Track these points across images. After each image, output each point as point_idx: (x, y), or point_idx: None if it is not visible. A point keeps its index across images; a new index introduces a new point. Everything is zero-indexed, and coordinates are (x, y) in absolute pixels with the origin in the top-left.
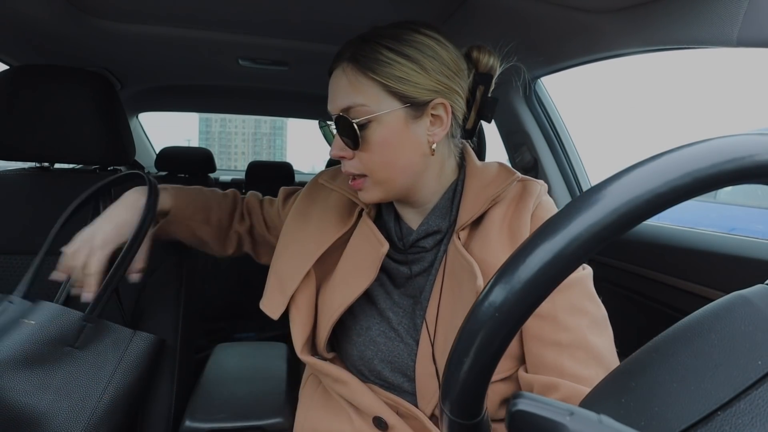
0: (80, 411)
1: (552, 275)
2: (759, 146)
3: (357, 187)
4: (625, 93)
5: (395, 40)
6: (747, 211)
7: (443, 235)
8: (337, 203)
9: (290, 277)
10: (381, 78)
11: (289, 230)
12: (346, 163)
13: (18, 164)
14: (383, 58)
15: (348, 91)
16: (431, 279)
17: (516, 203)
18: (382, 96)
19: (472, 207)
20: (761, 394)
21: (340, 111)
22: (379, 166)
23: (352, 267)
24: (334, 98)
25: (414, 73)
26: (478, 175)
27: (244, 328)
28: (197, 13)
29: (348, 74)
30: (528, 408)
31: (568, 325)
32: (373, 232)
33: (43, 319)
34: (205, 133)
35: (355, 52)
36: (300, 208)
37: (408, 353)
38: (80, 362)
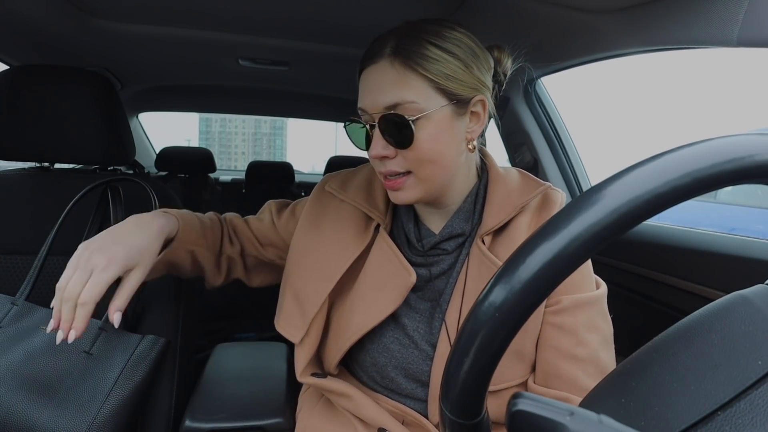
0: (85, 413)
1: (552, 275)
2: (759, 146)
3: (396, 186)
4: (625, 93)
5: (439, 37)
6: (747, 211)
7: (465, 238)
8: (351, 216)
9: (310, 299)
10: (430, 74)
11: (301, 244)
12: (388, 162)
13: (18, 164)
14: (431, 55)
15: (396, 86)
16: (452, 281)
17: (539, 211)
18: (430, 93)
19: (498, 213)
20: (761, 394)
21: (385, 108)
22: (426, 163)
23: (373, 289)
24: (378, 93)
25: (459, 71)
26: (502, 180)
27: (244, 328)
28: (197, 13)
29: (396, 69)
30: (528, 408)
31: (585, 340)
32: (397, 257)
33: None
34: (205, 133)
35: (399, 47)
36: (310, 219)
37: (423, 359)
38: (91, 368)
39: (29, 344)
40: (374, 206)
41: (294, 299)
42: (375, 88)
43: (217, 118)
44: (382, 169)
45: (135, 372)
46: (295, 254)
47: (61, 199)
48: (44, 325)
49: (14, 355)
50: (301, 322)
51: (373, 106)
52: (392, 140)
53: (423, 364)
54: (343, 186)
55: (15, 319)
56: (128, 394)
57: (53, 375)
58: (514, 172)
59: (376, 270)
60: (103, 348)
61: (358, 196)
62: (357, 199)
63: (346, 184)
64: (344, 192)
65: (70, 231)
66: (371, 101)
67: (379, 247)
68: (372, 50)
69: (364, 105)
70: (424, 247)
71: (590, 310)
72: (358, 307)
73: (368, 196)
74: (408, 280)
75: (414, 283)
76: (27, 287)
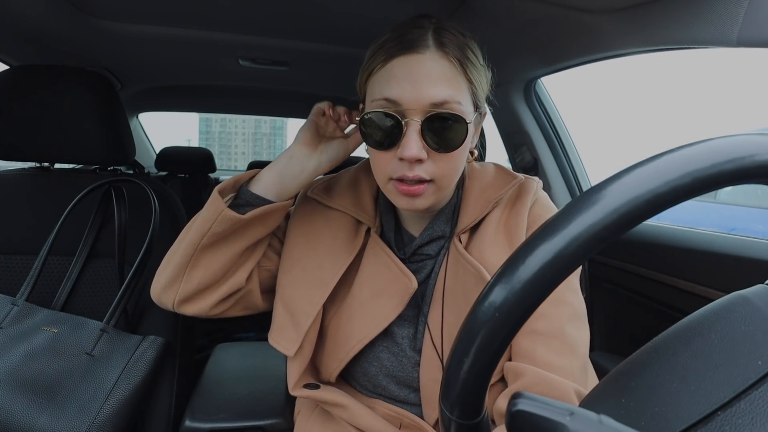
0: (85, 413)
1: (552, 275)
2: (759, 146)
3: (416, 193)
4: (625, 93)
5: (468, 39)
6: (747, 211)
7: (446, 240)
8: (340, 222)
9: (304, 310)
10: (473, 79)
11: (291, 254)
12: (417, 167)
13: (18, 164)
14: (472, 59)
15: (449, 82)
16: (431, 284)
17: (513, 203)
18: (467, 99)
19: (473, 210)
20: (761, 394)
21: (432, 104)
22: (452, 171)
23: (372, 296)
24: (426, 85)
25: (484, 81)
26: (477, 177)
27: (244, 328)
28: (197, 13)
29: (451, 62)
30: (528, 408)
31: (546, 313)
32: (395, 262)
33: (64, 328)
34: (205, 133)
35: (446, 43)
36: (298, 229)
37: (411, 366)
38: (92, 368)
39: (30, 345)
40: (363, 210)
41: (286, 311)
42: (421, 78)
43: (217, 118)
44: (409, 174)
45: (135, 372)
46: (286, 264)
47: (61, 199)
48: (45, 326)
49: (15, 356)
50: (294, 334)
51: (416, 99)
52: (434, 141)
53: (412, 371)
54: (327, 191)
55: (15, 319)
56: (128, 395)
57: (54, 376)
58: (490, 167)
59: (372, 276)
60: (104, 349)
61: (346, 201)
62: (345, 204)
63: (331, 189)
64: (330, 198)
65: (71, 231)
66: (413, 93)
67: (373, 252)
68: (410, 38)
69: (401, 96)
70: (405, 254)
71: None
72: (358, 315)
73: (356, 200)
74: (409, 286)
75: (416, 288)
76: (27, 288)
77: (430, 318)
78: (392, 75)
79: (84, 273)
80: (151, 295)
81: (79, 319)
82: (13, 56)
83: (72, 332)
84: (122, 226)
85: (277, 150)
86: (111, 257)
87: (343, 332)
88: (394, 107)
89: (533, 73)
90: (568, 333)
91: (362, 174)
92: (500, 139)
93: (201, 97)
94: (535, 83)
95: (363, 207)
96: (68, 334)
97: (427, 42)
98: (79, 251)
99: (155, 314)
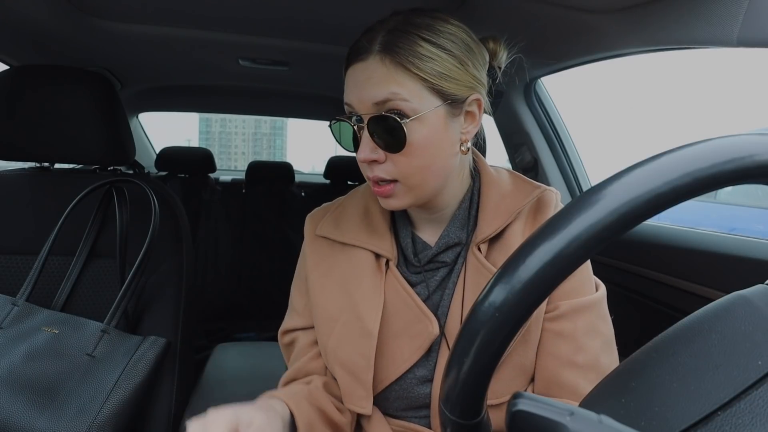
0: (85, 414)
1: (552, 275)
2: (759, 146)
3: (385, 194)
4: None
5: (432, 31)
6: (747, 211)
7: (462, 247)
8: (362, 259)
9: (361, 367)
10: (424, 74)
11: (326, 311)
12: (376, 167)
13: (18, 164)
14: (425, 52)
15: (386, 82)
16: (449, 293)
17: (533, 215)
18: (424, 93)
19: (493, 220)
20: (761, 394)
21: (375, 104)
22: (416, 169)
23: (393, 336)
24: (366, 88)
25: (455, 69)
26: (495, 184)
27: (244, 328)
28: (197, 13)
29: (387, 66)
30: (528, 408)
31: (585, 346)
32: (415, 302)
33: (65, 329)
34: (205, 133)
35: (390, 43)
36: (322, 276)
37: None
38: (92, 369)
39: (31, 346)
40: (381, 240)
41: (346, 372)
42: (362, 83)
43: (217, 118)
44: (369, 174)
45: (136, 373)
46: (326, 328)
47: (61, 200)
48: (46, 326)
49: (16, 357)
50: (363, 391)
51: (360, 102)
52: (382, 143)
53: (423, 388)
54: (337, 226)
55: (16, 320)
56: (129, 395)
57: (55, 377)
58: (505, 174)
59: (394, 315)
60: (104, 350)
61: (362, 235)
62: (361, 238)
63: (340, 223)
64: (342, 233)
65: (71, 231)
66: (358, 97)
67: (394, 289)
68: (359, 46)
69: (351, 100)
70: (420, 261)
71: (589, 314)
72: (382, 357)
73: (371, 230)
74: (431, 333)
75: (437, 335)
76: (28, 288)
77: (448, 329)
78: (347, 82)
79: (84, 273)
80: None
81: (79, 320)
82: (13, 56)
83: (73, 333)
84: (124, 227)
85: (277, 150)
86: (111, 257)
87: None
88: (352, 111)
89: (533, 73)
90: (603, 364)
91: (370, 200)
92: (500, 139)
93: (201, 97)
94: (535, 83)
95: (380, 237)
96: (69, 335)
97: (371, 47)
98: (79, 251)
99: (155, 314)
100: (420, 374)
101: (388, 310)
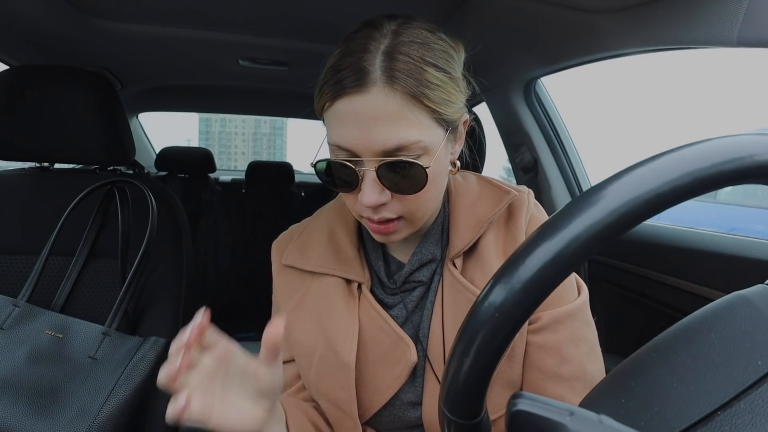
0: (86, 414)
1: (552, 275)
2: (759, 146)
3: (387, 231)
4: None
5: (431, 51)
6: (747, 211)
7: (437, 264)
8: (332, 287)
9: (344, 399)
10: (433, 104)
11: (301, 346)
12: (382, 209)
13: (18, 164)
14: (432, 80)
15: (399, 124)
16: (427, 313)
17: (506, 222)
18: (431, 125)
19: (465, 232)
20: (761, 394)
21: (384, 152)
22: (424, 203)
23: (373, 363)
24: (373, 134)
25: (453, 92)
26: (463, 192)
27: (244, 328)
28: (197, 13)
29: (398, 101)
30: (528, 408)
31: (569, 356)
32: (392, 328)
33: (69, 332)
34: (205, 133)
35: (395, 70)
36: (292, 307)
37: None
38: (94, 371)
39: (33, 348)
40: (349, 265)
41: (331, 404)
42: (368, 122)
43: (217, 118)
44: (373, 216)
45: (136, 374)
46: (303, 361)
47: (61, 200)
48: (48, 329)
49: (18, 360)
50: (350, 421)
51: (366, 147)
52: (394, 185)
53: (414, 411)
54: (303, 254)
55: (17, 321)
56: (129, 395)
57: (57, 379)
58: (471, 179)
59: (370, 342)
60: (106, 351)
61: (329, 261)
62: (328, 265)
63: (305, 250)
64: (308, 261)
65: (70, 231)
66: (363, 141)
67: (367, 313)
68: (355, 69)
69: (352, 144)
70: (396, 282)
71: (573, 322)
72: (363, 387)
73: (338, 256)
74: (409, 360)
75: (415, 361)
76: (29, 289)
77: (431, 351)
78: (340, 118)
79: (84, 273)
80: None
81: (81, 323)
82: (13, 56)
83: (75, 336)
84: (125, 227)
85: (277, 150)
86: (110, 257)
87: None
88: (347, 155)
89: (533, 73)
90: (589, 372)
91: (335, 222)
92: (500, 139)
93: (201, 97)
94: (535, 83)
95: (348, 262)
96: (71, 339)
97: (374, 75)
98: (78, 251)
99: (155, 314)
100: (408, 399)
101: (364, 337)
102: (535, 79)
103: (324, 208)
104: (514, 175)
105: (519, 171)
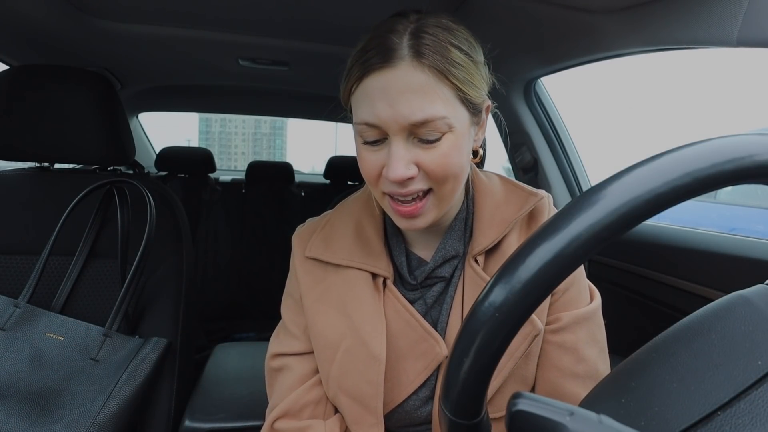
0: (86, 414)
1: (552, 275)
2: (759, 146)
3: (415, 212)
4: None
5: (454, 36)
6: (747, 211)
7: (459, 260)
8: (359, 280)
9: (370, 395)
10: (458, 82)
11: (325, 338)
12: (410, 183)
13: (18, 164)
14: (456, 59)
15: (427, 97)
16: (446, 308)
17: (528, 224)
18: (456, 104)
19: (489, 230)
20: (761, 394)
21: (412, 125)
22: (450, 178)
23: (398, 358)
24: (403, 106)
25: (477, 76)
26: (488, 191)
27: (244, 328)
28: (197, 13)
29: (427, 74)
30: (528, 408)
31: (585, 356)
32: (419, 323)
33: (70, 335)
34: (205, 133)
35: (423, 47)
36: (317, 300)
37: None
38: (95, 373)
39: (35, 350)
40: (377, 259)
41: (353, 400)
42: (395, 99)
43: (217, 118)
44: (401, 191)
45: (136, 374)
46: (326, 353)
47: (61, 199)
48: (50, 331)
49: (20, 363)
50: (373, 418)
51: (394, 120)
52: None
53: (426, 407)
54: (328, 246)
55: (18, 322)
56: (129, 396)
57: (59, 381)
58: (496, 181)
59: (397, 336)
60: (107, 353)
61: (355, 255)
62: (356, 259)
63: (330, 242)
64: (335, 254)
65: (70, 231)
66: (391, 114)
67: (393, 308)
68: (383, 48)
69: (379, 118)
70: (417, 278)
71: (589, 324)
72: (387, 381)
73: (366, 249)
74: (438, 353)
75: (445, 355)
76: (29, 289)
77: (448, 345)
78: (368, 95)
79: (83, 273)
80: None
81: (81, 325)
82: (13, 56)
83: (75, 338)
84: (125, 227)
85: (277, 150)
86: (110, 257)
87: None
88: (375, 133)
89: (533, 73)
90: (601, 372)
91: (362, 215)
92: (500, 139)
93: (201, 97)
94: (535, 83)
95: (376, 256)
96: (72, 341)
97: (402, 51)
98: (78, 251)
99: (155, 314)
100: (423, 395)
101: (391, 331)
102: (535, 79)
103: (347, 201)
104: (514, 175)
105: (519, 171)
